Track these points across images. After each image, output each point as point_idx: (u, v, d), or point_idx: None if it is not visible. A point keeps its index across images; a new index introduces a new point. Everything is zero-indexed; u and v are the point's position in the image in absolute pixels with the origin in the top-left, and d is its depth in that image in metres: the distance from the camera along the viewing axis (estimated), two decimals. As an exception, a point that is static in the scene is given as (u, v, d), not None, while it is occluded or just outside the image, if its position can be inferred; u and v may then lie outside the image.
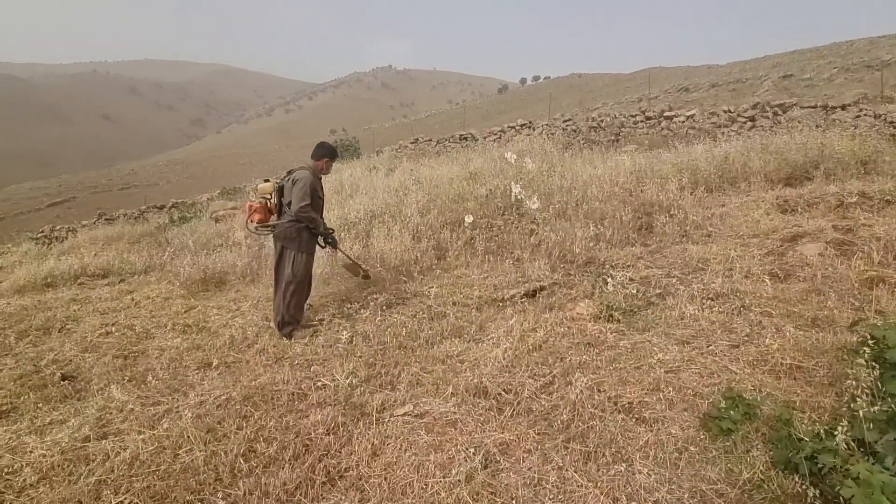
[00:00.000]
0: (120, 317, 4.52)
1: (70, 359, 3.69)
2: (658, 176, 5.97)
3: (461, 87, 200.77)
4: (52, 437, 2.56)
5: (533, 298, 3.95)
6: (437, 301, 4.12)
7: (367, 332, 3.56)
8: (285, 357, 3.35)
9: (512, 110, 58.07)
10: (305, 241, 3.86)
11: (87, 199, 40.24)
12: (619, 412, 2.34)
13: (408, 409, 2.52)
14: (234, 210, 9.28)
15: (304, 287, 3.90)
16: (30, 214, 35.37)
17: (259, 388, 2.89)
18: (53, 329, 4.44)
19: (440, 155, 13.24)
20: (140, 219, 14.31)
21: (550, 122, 13.57)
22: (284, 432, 2.41)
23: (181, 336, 3.94)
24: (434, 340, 3.37)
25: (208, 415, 2.63)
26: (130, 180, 47.79)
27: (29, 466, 2.32)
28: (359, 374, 2.93)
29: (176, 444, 2.38)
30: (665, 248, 4.52)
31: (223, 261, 5.64)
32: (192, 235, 7.72)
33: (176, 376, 3.21)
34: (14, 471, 2.31)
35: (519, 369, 2.81)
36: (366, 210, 6.77)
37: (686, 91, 26.37)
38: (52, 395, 3.13)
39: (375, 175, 10.80)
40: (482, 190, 6.85)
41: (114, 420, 2.70)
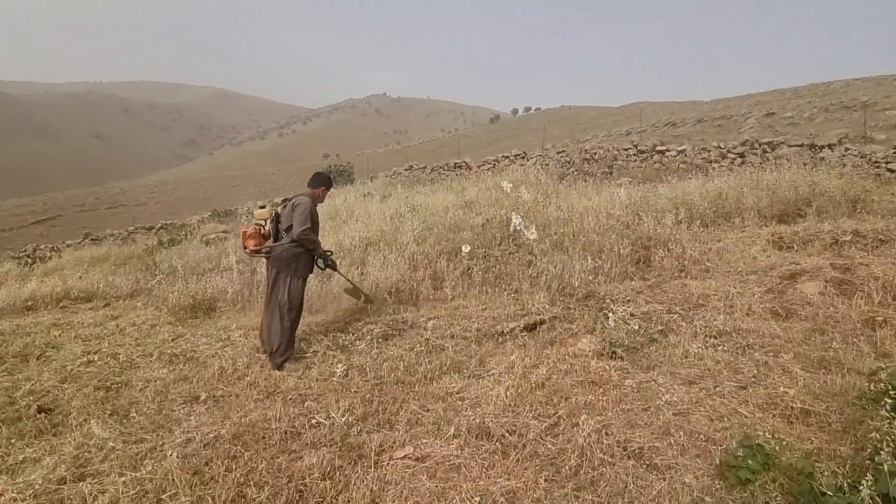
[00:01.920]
0: (103, 344, 4.34)
1: (48, 389, 3.50)
2: (654, 209, 6.02)
3: (454, 116, 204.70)
4: (24, 478, 2.38)
5: (533, 332, 3.87)
6: (435, 333, 4.02)
7: (363, 366, 3.45)
8: (278, 391, 3.21)
9: (503, 139, 59.17)
10: (302, 266, 3.88)
11: (74, 217, 39.65)
12: (629, 458, 2.24)
13: (408, 451, 2.39)
14: (225, 233, 9.16)
15: (298, 313, 3.85)
16: (12, 232, 34.66)
17: (250, 425, 2.75)
18: (32, 356, 4.24)
19: (434, 182, 13.32)
20: (128, 240, 14.06)
21: (543, 152, 13.78)
22: (277, 475, 2.27)
23: (168, 366, 3.78)
24: (433, 375, 3.27)
25: (195, 455, 2.48)
26: (119, 199, 47.31)
27: (-3, 512, 2.15)
28: (355, 412, 2.81)
29: (160, 488, 2.22)
30: (664, 283, 4.50)
31: (213, 286, 5.50)
32: (182, 259, 7.56)
33: (161, 411, 3.05)
34: (-20, 517, 2.14)
35: (522, 409, 2.71)
36: (361, 237, 6.71)
37: (673, 126, 27.11)
38: (26, 430, 2.94)
39: (370, 201, 10.79)
40: (478, 219, 6.84)
41: (93, 459, 2.53)
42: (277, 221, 3.93)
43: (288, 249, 3.81)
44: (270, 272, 3.87)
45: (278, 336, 3.66)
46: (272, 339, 3.68)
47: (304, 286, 3.96)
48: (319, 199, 4.16)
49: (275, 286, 3.80)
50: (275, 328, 3.69)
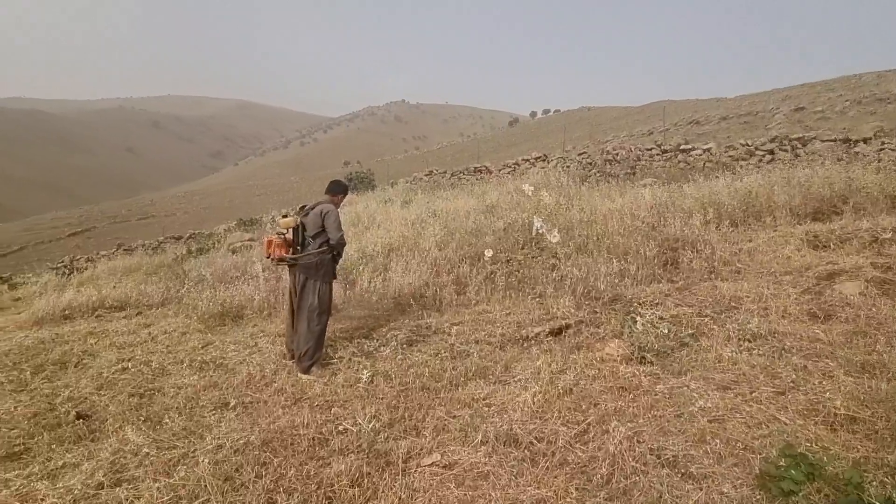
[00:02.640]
0: (136, 352, 4.46)
1: (85, 396, 3.61)
2: (680, 210, 5.88)
3: (472, 120, 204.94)
4: (64, 483, 2.45)
5: (558, 337, 3.82)
6: (459, 339, 4.01)
7: (388, 372, 3.45)
8: (305, 398, 3.24)
9: (522, 142, 58.91)
10: (328, 271, 4.00)
11: (107, 229, 41.09)
12: (662, 466, 2.18)
13: (435, 458, 2.38)
14: (251, 241, 9.35)
15: (327, 317, 3.96)
16: (50, 244, 36.13)
17: (278, 431, 2.77)
18: (70, 364, 4.39)
19: (455, 187, 13.34)
20: (158, 249, 14.49)
21: (564, 154, 13.65)
22: (305, 482, 2.29)
23: (198, 373, 3.86)
24: (458, 382, 3.25)
25: (226, 461, 2.51)
26: (149, 210, 48.85)
27: (39, 516, 2.21)
28: (381, 418, 2.81)
29: (192, 494, 2.25)
30: (693, 285, 4.38)
31: (240, 294, 5.60)
32: (210, 267, 7.74)
33: (192, 417, 3.11)
34: (24, 521, 2.21)
35: (550, 415, 2.66)
36: (383, 243, 6.75)
37: (697, 124, 26.52)
38: (65, 436, 3.04)
39: (391, 207, 10.87)
40: (500, 223, 6.82)
41: (128, 465, 2.59)
42: (302, 229, 3.98)
43: (316, 256, 3.88)
44: (297, 279, 3.92)
45: (307, 340, 3.73)
46: (300, 344, 3.74)
47: (331, 290, 4.05)
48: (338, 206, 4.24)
49: (303, 292, 3.86)
50: (304, 332, 3.76)
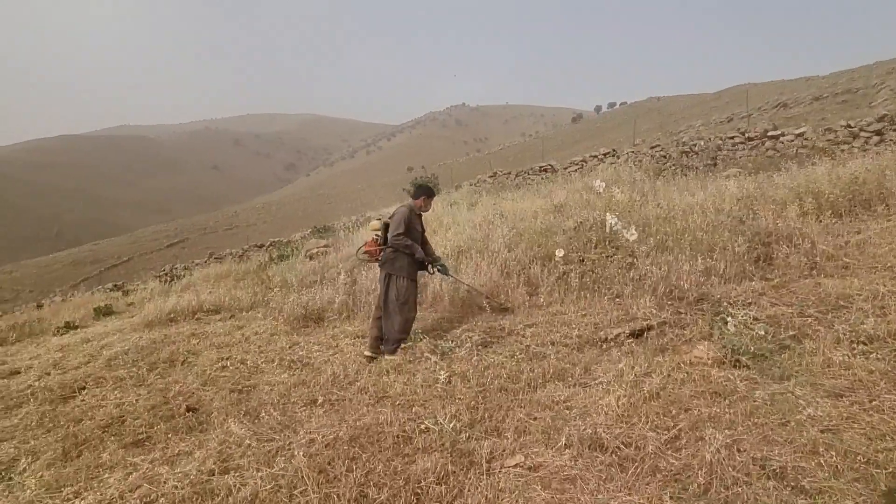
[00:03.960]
0: (233, 351, 4.86)
1: (192, 391, 3.99)
2: (772, 201, 5.42)
3: (534, 119, 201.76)
4: (181, 469, 2.72)
5: (640, 339, 3.66)
6: (535, 340, 3.96)
7: (465, 373, 3.49)
8: (386, 397, 3.36)
9: (587, 139, 57.13)
10: (403, 267, 4.30)
11: (198, 239, 45.08)
12: (768, 478, 2.02)
13: (519, 459, 2.37)
14: (326, 248, 9.83)
15: (410, 308, 4.31)
16: (152, 255, 40.26)
17: (364, 428, 2.90)
18: (177, 362, 4.86)
19: (520, 188, 13.19)
20: (243, 257, 15.67)
21: (635, 148, 13.05)
22: (393, 478, 2.37)
23: (287, 372, 4.13)
24: (537, 384, 3.22)
25: (319, 454, 2.67)
26: (233, 221, 52.96)
27: (164, 497, 2.47)
28: (462, 418, 2.84)
29: (291, 484, 2.42)
30: (791, 283, 4.02)
31: (321, 298, 5.92)
32: (290, 273, 8.24)
33: (285, 412, 3.34)
34: (151, 500, 2.47)
35: (637, 420, 2.56)
36: (452, 245, 6.83)
37: (784, 107, 24.27)
38: (179, 426, 3.37)
39: (457, 210, 10.97)
40: (570, 222, 6.65)
41: (233, 455, 2.83)
42: (387, 230, 4.42)
43: (387, 253, 4.32)
44: (382, 275, 4.37)
45: (393, 327, 4.18)
46: (389, 330, 4.20)
47: (413, 285, 4.37)
48: (423, 208, 4.57)
49: (387, 287, 4.29)
50: (391, 320, 4.21)
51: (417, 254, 4.34)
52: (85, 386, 4.53)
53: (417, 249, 4.33)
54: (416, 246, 4.33)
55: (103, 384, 4.49)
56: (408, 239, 4.28)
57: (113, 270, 35.34)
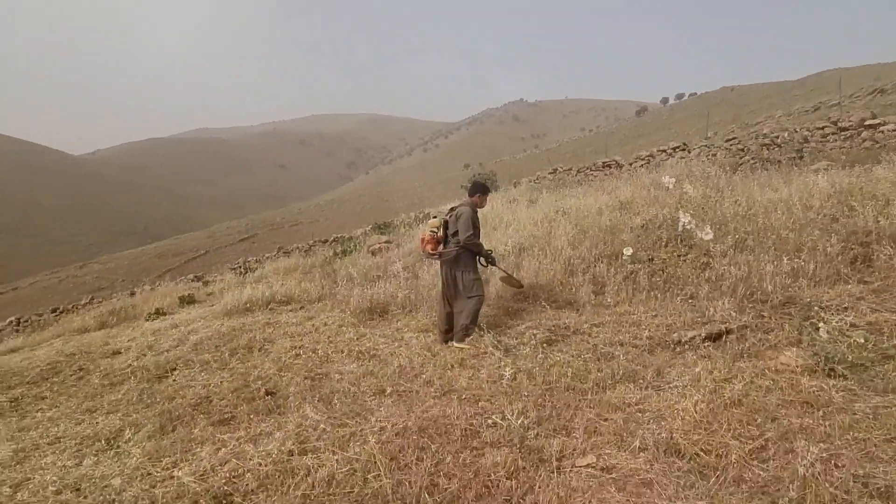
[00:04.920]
0: (305, 341, 5.12)
1: (270, 376, 4.25)
2: (871, 198, 4.92)
3: (594, 114, 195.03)
4: (264, 447, 2.92)
5: (717, 343, 3.47)
6: (602, 340, 3.87)
7: (530, 370, 3.48)
8: (452, 390, 3.41)
9: (652, 132, 54.49)
10: (468, 262, 4.52)
11: (267, 235, 47.71)
12: (871, 496, 1.86)
13: (590, 460, 2.34)
14: (388, 243, 10.09)
15: (478, 300, 4.44)
16: (226, 248, 43.15)
17: (432, 420, 2.97)
18: (255, 348, 5.20)
19: (582, 184, 12.84)
20: (309, 252, 16.41)
21: (707, 141, 12.29)
22: (463, 469, 2.41)
23: (356, 362, 4.29)
24: (605, 384, 3.14)
25: (389, 442, 2.77)
26: (298, 218, 55.54)
27: (250, 473, 2.66)
28: (529, 415, 2.84)
29: (365, 469, 2.53)
30: (895, 287, 3.64)
31: (384, 292, 6.10)
32: (354, 267, 8.55)
33: (356, 400, 3.48)
34: (239, 475, 2.68)
35: (717, 427, 2.44)
36: (513, 242, 6.79)
37: (882, 93, 21.82)
38: (259, 408, 3.61)
39: (517, 207, 10.87)
40: (637, 220, 6.41)
41: (310, 437, 2.99)
42: (447, 227, 4.58)
43: (455, 251, 4.49)
44: (447, 271, 4.55)
45: (464, 317, 4.34)
46: (459, 321, 4.38)
47: (478, 277, 4.55)
48: (479, 205, 4.71)
49: (455, 282, 4.49)
50: (462, 311, 4.38)
51: (482, 252, 4.61)
52: (176, 367, 4.96)
53: (483, 248, 4.61)
54: (481, 245, 4.60)
55: (191, 366, 4.90)
56: (477, 238, 4.53)
57: (192, 263, 38.26)
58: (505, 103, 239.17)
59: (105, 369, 5.34)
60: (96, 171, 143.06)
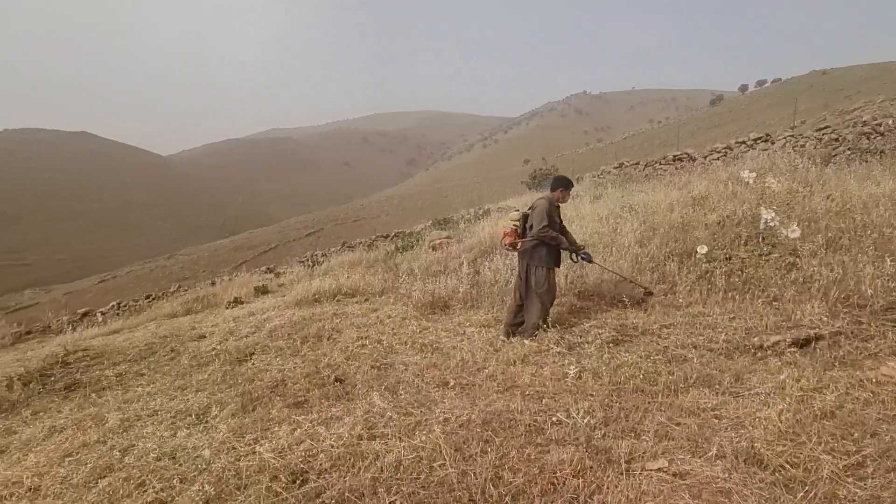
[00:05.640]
0: (370, 332, 5.32)
1: (338, 364, 4.46)
2: None
3: (663, 104, 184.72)
4: (335, 431, 3.09)
5: (805, 349, 3.22)
6: (673, 342, 3.70)
7: (596, 370, 3.40)
8: (515, 386, 3.41)
9: (728, 122, 50.82)
10: (542, 257, 4.45)
11: (331, 230, 49.71)
12: None
13: (662, 464, 2.26)
14: (448, 239, 10.19)
15: (549, 296, 4.45)
16: (294, 242, 45.47)
17: (495, 414, 2.99)
18: (324, 337, 5.47)
19: (650, 179, 12.26)
20: (371, 246, 16.95)
21: (795, 131, 11.28)
22: (528, 464, 2.42)
23: (419, 354, 4.40)
24: (677, 388, 3.01)
25: (454, 433, 2.83)
26: (361, 214, 57.39)
27: (323, 453, 2.83)
28: (595, 415, 2.79)
29: (431, 457, 2.60)
30: None
31: (446, 286, 6.18)
32: (415, 262, 8.73)
33: (420, 391, 3.57)
34: (313, 454, 2.85)
35: (806, 439, 2.27)
36: (578, 239, 6.62)
37: None
38: (329, 394, 3.80)
39: (580, 203, 10.59)
40: (712, 216, 6.05)
41: (377, 424, 3.12)
42: (524, 221, 4.62)
43: (530, 244, 4.47)
44: (522, 265, 4.56)
45: (534, 314, 4.37)
46: (530, 317, 4.41)
47: (551, 274, 4.49)
48: (561, 200, 4.63)
49: (528, 276, 4.48)
50: (531, 308, 4.41)
51: (562, 244, 4.50)
52: (254, 352, 5.33)
53: (562, 240, 4.50)
54: (560, 237, 4.49)
55: (267, 352, 5.24)
56: (552, 230, 4.44)
57: (264, 255, 40.71)
58: (567, 96, 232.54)
59: (193, 351, 5.84)
60: (182, 170, 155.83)
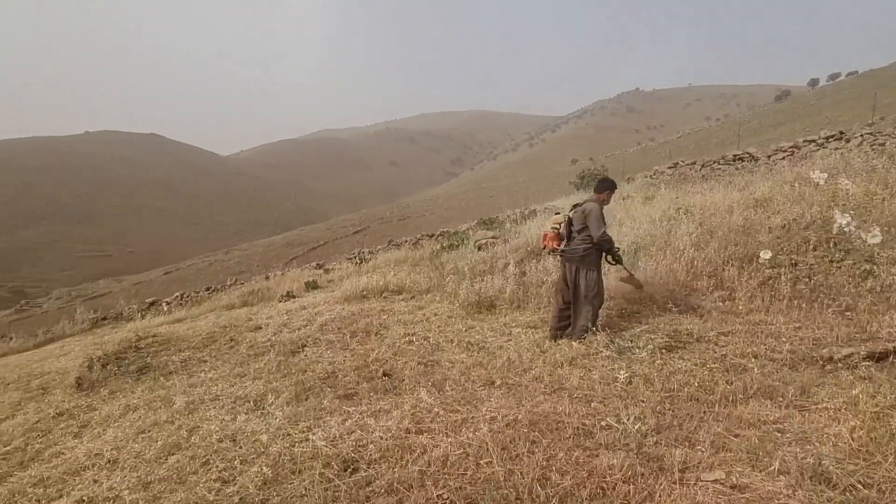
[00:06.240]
0: (416, 329, 5.41)
1: (386, 359, 4.58)
2: None
3: (723, 101, 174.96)
4: (384, 423, 3.18)
5: (882, 363, 2.99)
6: (732, 350, 3.54)
7: (647, 375, 3.31)
8: (563, 388, 3.38)
9: (795, 120, 47.53)
10: (593, 261, 4.41)
11: (377, 228, 50.74)
12: None
13: (719, 475, 2.18)
14: (494, 239, 10.17)
15: (599, 299, 4.40)
16: (342, 240, 46.77)
17: (542, 415, 2.98)
18: (371, 332, 5.62)
19: (707, 179, 11.70)
20: (417, 245, 17.17)
21: (874, 128, 10.42)
22: (576, 467, 2.40)
23: (465, 352, 4.44)
24: (736, 398, 2.88)
25: (500, 432, 2.84)
26: (406, 212, 58.20)
27: (372, 444, 2.92)
28: (647, 421, 2.72)
29: (477, 454, 2.63)
30: None
31: (492, 286, 6.19)
32: (461, 261, 8.77)
33: (466, 389, 3.61)
34: (363, 445, 2.95)
35: (881, 459, 2.12)
36: (628, 241, 6.45)
37: None
38: (378, 387, 3.91)
39: (631, 204, 10.28)
40: (777, 219, 5.72)
41: (424, 419, 3.18)
42: (570, 224, 4.51)
43: (581, 248, 4.39)
44: (568, 268, 4.48)
45: (584, 318, 4.31)
46: (578, 321, 4.35)
47: (600, 277, 4.46)
48: (605, 202, 4.59)
49: (576, 280, 4.41)
50: (581, 310, 4.35)
51: (614, 249, 4.47)
52: (306, 344, 5.56)
53: (614, 245, 4.48)
54: (613, 241, 4.46)
55: (319, 344, 5.45)
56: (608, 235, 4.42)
57: (314, 252, 42.15)
58: (618, 93, 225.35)
59: (250, 341, 6.16)
60: (239, 170, 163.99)
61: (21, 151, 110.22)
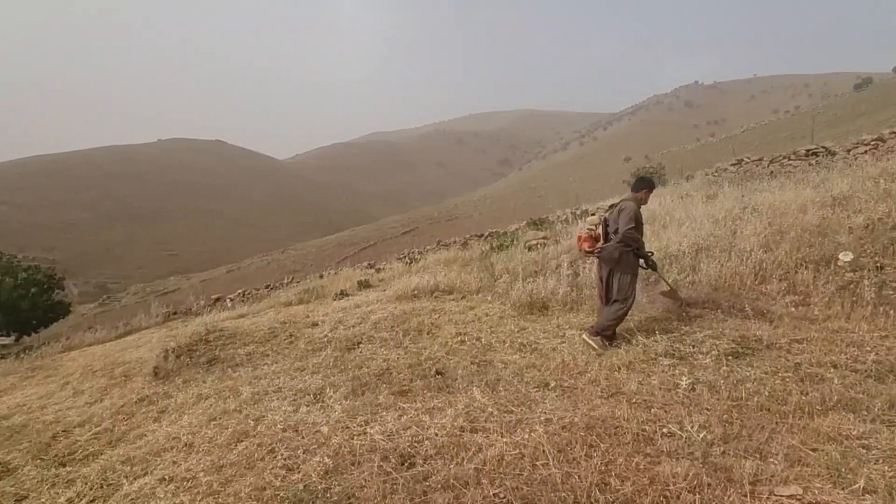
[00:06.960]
0: (468, 328, 5.44)
1: (439, 358, 4.64)
2: None
3: (792, 92, 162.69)
4: (438, 420, 3.24)
5: None
6: (807, 359, 3.32)
7: (712, 383, 3.17)
8: (620, 392, 3.30)
9: (878, 110, 43.51)
10: (629, 263, 4.24)
11: (426, 228, 51.28)
12: None
13: (795, 490, 2.06)
14: (545, 239, 10.03)
15: (629, 302, 4.24)
16: (392, 240, 47.66)
17: (600, 419, 2.92)
18: (423, 331, 5.70)
19: (776, 176, 10.97)
20: (466, 245, 17.22)
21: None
22: (637, 474, 2.34)
23: (518, 353, 4.42)
24: (812, 410, 2.71)
25: (556, 434, 2.82)
26: (454, 213, 58.45)
27: (428, 440, 2.98)
28: (713, 430, 2.60)
29: (533, 455, 2.62)
30: None
31: (544, 287, 6.11)
32: (511, 262, 8.71)
33: (520, 390, 3.60)
34: (419, 440, 3.02)
35: None
36: (689, 242, 6.17)
37: None
38: (431, 385, 3.97)
39: (690, 203, 9.81)
40: (859, 219, 5.29)
41: (478, 418, 3.21)
42: (606, 225, 4.39)
43: (617, 249, 4.22)
44: (603, 270, 4.37)
45: (606, 317, 4.20)
46: (601, 320, 4.24)
47: (635, 280, 4.28)
48: (643, 202, 4.43)
49: (609, 282, 4.29)
50: (606, 312, 4.24)
51: (643, 250, 4.32)
52: (360, 341, 5.73)
53: (643, 246, 4.33)
54: (642, 242, 4.31)
55: (373, 342, 5.60)
56: (637, 233, 4.24)
57: (364, 252, 43.23)
58: (675, 88, 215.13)
59: (308, 337, 6.43)
60: (294, 173, 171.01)
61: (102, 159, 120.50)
